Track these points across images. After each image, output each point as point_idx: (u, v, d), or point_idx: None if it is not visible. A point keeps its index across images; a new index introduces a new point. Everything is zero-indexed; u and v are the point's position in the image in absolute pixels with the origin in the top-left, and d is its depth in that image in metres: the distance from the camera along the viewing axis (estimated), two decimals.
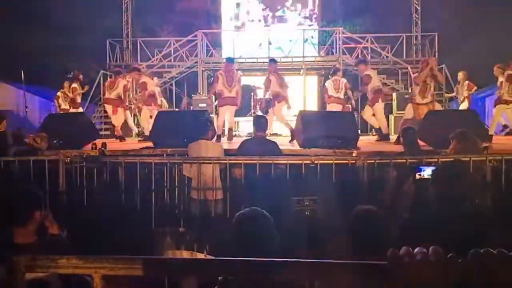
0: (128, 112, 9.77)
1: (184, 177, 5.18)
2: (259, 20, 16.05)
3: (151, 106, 9.05)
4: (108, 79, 10.50)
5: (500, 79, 8.82)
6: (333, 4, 17.06)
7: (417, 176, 4.23)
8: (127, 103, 9.60)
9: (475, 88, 10.70)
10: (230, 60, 8.69)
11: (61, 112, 10.67)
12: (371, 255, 1.94)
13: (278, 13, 16.03)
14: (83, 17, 16.31)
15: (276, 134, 10.51)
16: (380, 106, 8.50)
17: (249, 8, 16.01)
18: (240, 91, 8.44)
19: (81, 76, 11.10)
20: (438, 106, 8.75)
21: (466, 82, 10.66)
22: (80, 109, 10.92)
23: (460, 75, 10.91)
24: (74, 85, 10.73)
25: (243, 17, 16.05)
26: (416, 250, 0.77)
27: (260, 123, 5.56)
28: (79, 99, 10.93)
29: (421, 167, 4.25)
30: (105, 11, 16.49)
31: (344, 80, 9.80)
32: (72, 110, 10.62)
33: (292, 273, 0.92)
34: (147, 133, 8.51)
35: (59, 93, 11.15)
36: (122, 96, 9.29)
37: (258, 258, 0.94)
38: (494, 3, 15.71)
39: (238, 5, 15.96)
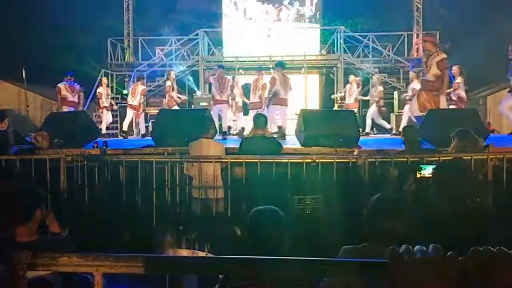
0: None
1: (185, 176, 5.19)
2: (259, 19, 16.02)
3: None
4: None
5: None
6: (334, 2, 17.04)
7: (418, 175, 4.24)
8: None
9: (458, 84, 9.71)
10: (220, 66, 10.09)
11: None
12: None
13: (278, 11, 16.00)
14: (84, 16, 16.33)
15: (276, 133, 10.52)
16: (270, 109, 9.18)
17: (249, 7, 15.98)
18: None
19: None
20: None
21: (459, 78, 9.76)
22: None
23: (454, 70, 9.93)
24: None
25: (243, 15, 16.02)
26: (415, 248, 0.77)
27: (260, 121, 5.58)
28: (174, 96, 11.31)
29: (421, 165, 4.26)
30: (106, 10, 16.50)
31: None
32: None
33: (292, 271, 0.92)
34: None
35: (100, 90, 11.41)
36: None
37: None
38: (495, 1, 15.67)
39: (237, 3, 15.94)
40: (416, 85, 10.17)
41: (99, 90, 11.44)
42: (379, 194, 2.14)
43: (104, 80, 11.75)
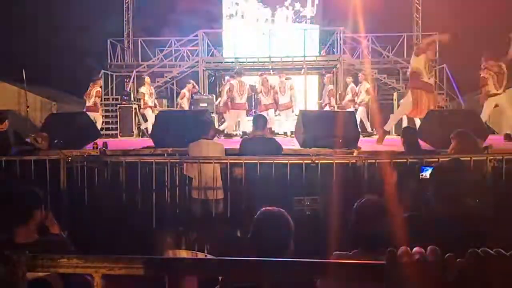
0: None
1: (184, 177, 5.18)
2: (259, 20, 16.02)
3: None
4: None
5: None
6: (334, 3, 17.03)
7: (420, 177, 4.22)
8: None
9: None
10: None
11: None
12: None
13: (279, 12, 16.00)
14: (84, 16, 16.31)
15: (274, 133, 10.56)
16: (231, 112, 10.85)
17: (249, 8, 15.98)
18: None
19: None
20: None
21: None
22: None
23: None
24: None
25: (243, 16, 16.01)
26: (414, 250, 0.77)
27: (259, 122, 5.58)
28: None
29: (423, 167, 4.25)
30: (106, 11, 16.49)
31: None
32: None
33: (292, 273, 0.92)
34: None
35: (143, 90, 11.45)
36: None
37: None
38: (495, 2, 15.67)
39: (237, 4, 15.93)
40: (365, 85, 11.45)
41: (141, 90, 11.43)
42: (362, 198, 2.16)
43: (147, 79, 11.73)
